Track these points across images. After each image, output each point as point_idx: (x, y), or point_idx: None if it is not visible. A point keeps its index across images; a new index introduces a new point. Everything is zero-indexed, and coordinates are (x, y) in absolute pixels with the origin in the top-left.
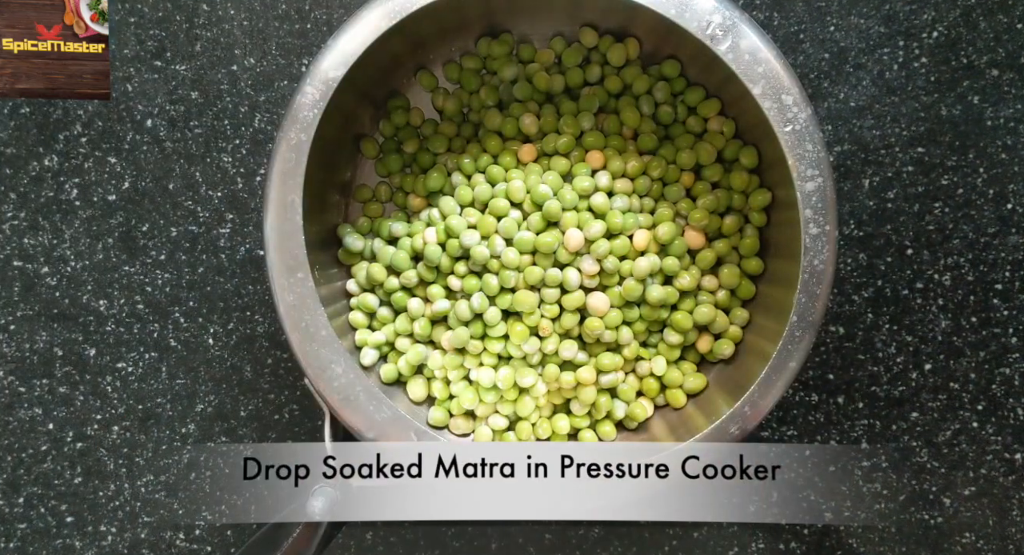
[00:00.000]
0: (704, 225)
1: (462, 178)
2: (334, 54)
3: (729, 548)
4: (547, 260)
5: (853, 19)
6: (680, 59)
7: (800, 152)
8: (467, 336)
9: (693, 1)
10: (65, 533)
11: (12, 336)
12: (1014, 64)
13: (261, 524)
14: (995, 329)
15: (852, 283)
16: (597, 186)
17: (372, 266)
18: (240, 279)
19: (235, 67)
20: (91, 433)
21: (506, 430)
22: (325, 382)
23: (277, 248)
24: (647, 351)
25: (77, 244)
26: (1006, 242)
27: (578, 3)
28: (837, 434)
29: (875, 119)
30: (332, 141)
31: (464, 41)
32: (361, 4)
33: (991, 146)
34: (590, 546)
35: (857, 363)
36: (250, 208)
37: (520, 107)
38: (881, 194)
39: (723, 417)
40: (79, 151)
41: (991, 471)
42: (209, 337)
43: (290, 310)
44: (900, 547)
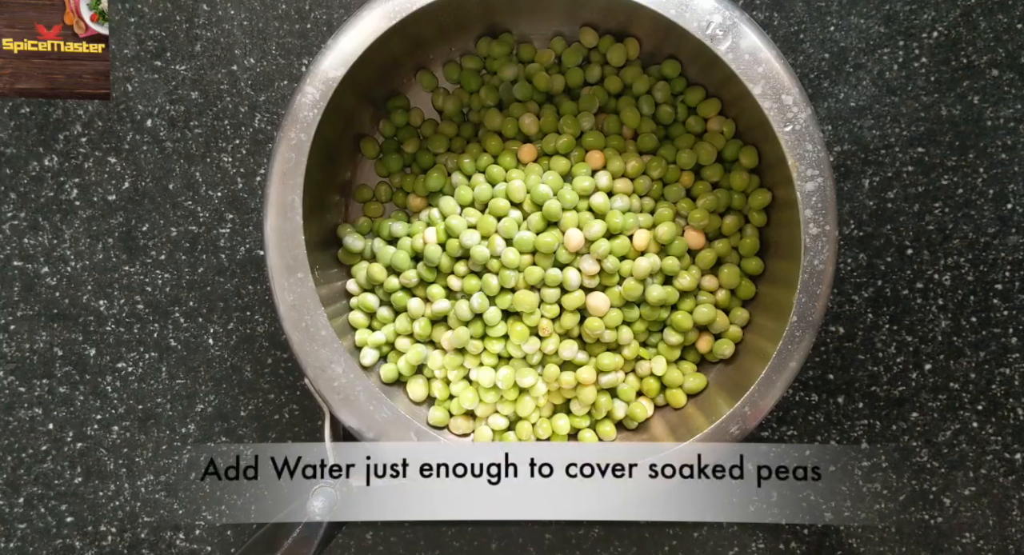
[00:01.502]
0: (704, 225)
1: (462, 178)
2: (334, 54)
3: (729, 548)
4: (547, 260)
5: (853, 19)
6: (680, 59)
7: (800, 152)
8: (467, 336)
9: (693, 1)
10: (65, 533)
11: (12, 336)
12: (1014, 64)
13: (261, 524)
14: (995, 329)
15: (852, 283)
16: (597, 186)
17: (372, 266)
18: (240, 279)
19: (235, 67)
20: (91, 433)
21: (506, 430)
22: (325, 382)
23: (277, 248)
24: (647, 351)
25: (77, 244)
26: (1006, 242)
27: (578, 3)
28: (837, 434)
29: (875, 119)
30: (332, 141)
31: (464, 41)
32: (361, 4)
33: (991, 146)
34: (590, 546)
35: (857, 363)
36: (250, 208)
37: (520, 107)
38: (881, 194)
39: (723, 417)
40: (79, 151)
41: (991, 471)
42: (209, 337)
43: (290, 310)
44: (900, 547)
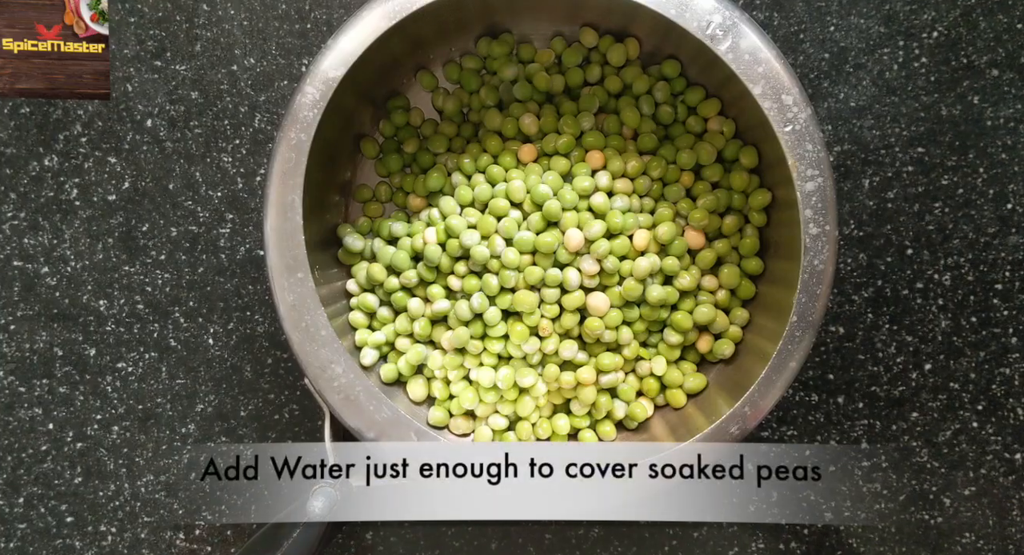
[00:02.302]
0: (704, 225)
1: (462, 178)
2: (334, 54)
3: (729, 548)
4: (547, 260)
5: (853, 19)
6: (680, 59)
7: (800, 152)
8: (467, 336)
9: (693, 1)
10: (65, 533)
11: (12, 336)
12: (1014, 64)
13: (261, 524)
14: (995, 329)
15: (852, 283)
16: (597, 186)
17: (372, 266)
18: (240, 279)
19: (235, 67)
20: (91, 433)
21: (506, 430)
22: (325, 382)
23: (277, 248)
24: (647, 351)
25: (77, 244)
26: (1006, 242)
27: (578, 3)
28: (837, 434)
29: (875, 119)
30: (332, 141)
31: (464, 41)
32: (361, 4)
33: (991, 146)
34: (590, 546)
35: (857, 363)
36: (250, 208)
37: (520, 107)
38: (881, 194)
39: (723, 417)
40: (79, 151)
41: (991, 471)
42: (209, 337)
43: (290, 310)
44: (900, 547)
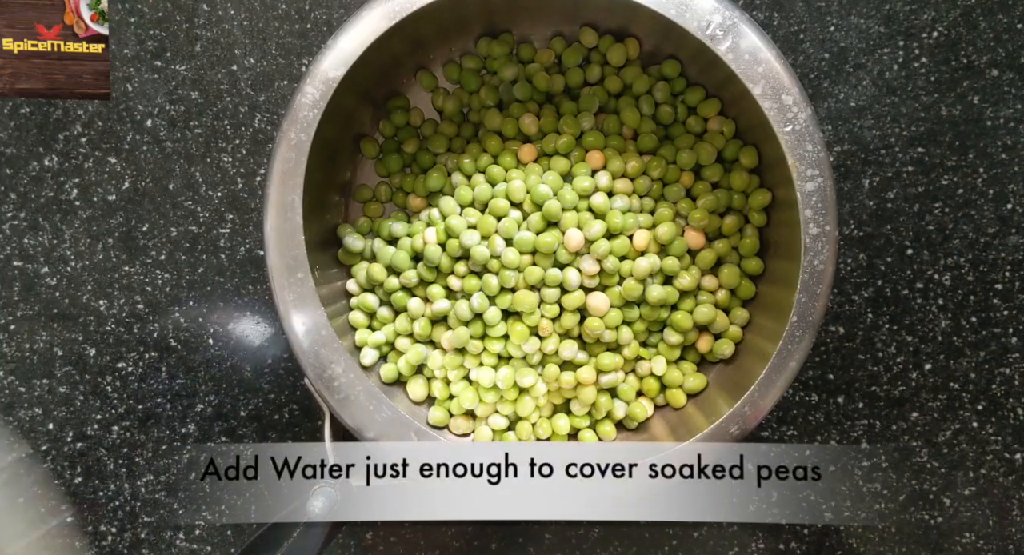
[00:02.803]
0: (704, 225)
1: (462, 178)
2: (334, 54)
3: (729, 548)
4: (547, 260)
5: (853, 19)
6: (680, 59)
7: (800, 152)
8: (467, 336)
9: (693, 1)
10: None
11: (12, 336)
12: (1014, 64)
13: (261, 524)
14: (995, 329)
15: (852, 283)
16: (597, 186)
17: (372, 266)
18: (240, 279)
19: (235, 67)
20: (91, 433)
21: (506, 430)
22: (325, 382)
23: (277, 248)
24: (647, 351)
25: (77, 244)
26: (1006, 242)
27: (578, 3)
28: (837, 434)
29: (875, 119)
30: (332, 141)
31: (464, 41)
32: (361, 4)
33: (991, 146)
34: (590, 546)
35: (857, 363)
36: (250, 208)
37: (520, 107)
38: (881, 194)
39: (723, 417)
40: (79, 151)
41: (991, 471)
42: (209, 337)
43: (290, 310)
44: (900, 547)
